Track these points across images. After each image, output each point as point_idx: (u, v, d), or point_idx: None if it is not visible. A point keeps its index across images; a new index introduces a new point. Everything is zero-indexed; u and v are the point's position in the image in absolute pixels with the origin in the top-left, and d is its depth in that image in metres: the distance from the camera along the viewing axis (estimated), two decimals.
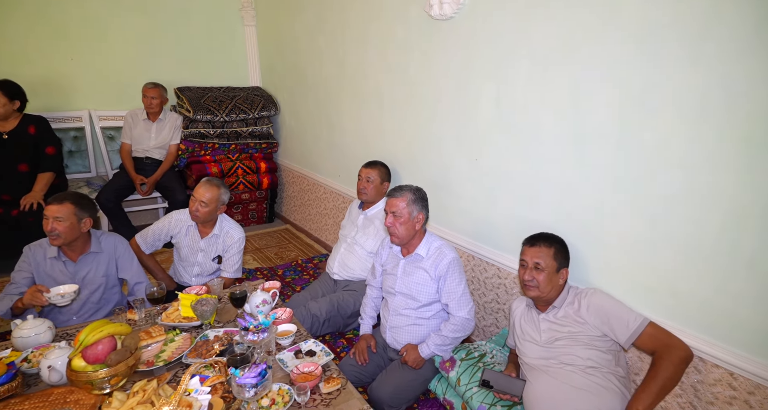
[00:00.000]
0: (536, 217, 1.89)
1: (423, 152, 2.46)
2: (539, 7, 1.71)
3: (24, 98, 2.88)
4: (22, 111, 2.88)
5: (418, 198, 1.83)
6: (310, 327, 2.19)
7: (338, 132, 3.22)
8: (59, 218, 1.79)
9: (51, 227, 1.79)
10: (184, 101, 3.61)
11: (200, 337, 1.65)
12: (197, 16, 3.86)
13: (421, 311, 1.89)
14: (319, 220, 3.66)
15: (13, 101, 2.80)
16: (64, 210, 1.79)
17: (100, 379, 1.27)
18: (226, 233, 2.32)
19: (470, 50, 2.03)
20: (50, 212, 1.79)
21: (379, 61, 2.65)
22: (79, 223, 1.85)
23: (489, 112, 2.01)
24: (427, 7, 2.10)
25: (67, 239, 1.83)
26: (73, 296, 1.75)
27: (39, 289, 1.69)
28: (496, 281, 2.15)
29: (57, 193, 2.86)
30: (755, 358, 1.32)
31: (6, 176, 2.80)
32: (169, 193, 3.41)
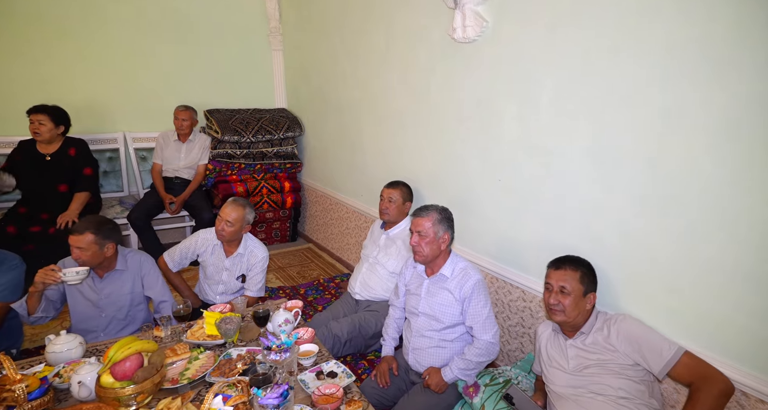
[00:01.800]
0: (562, 239, 1.85)
1: (445, 172, 2.47)
2: (561, 30, 1.72)
3: (68, 123, 3.04)
4: (65, 135, 3.04)
5: (444, 218, 1.82)
6: (332, 347, 2.18)
7: (361, 152, 3.26)
8: (81, 248, 1.83)
9: (76, 255, 1.85)
10: (213, 123, 3.74)
11: (223, 356, 1.66)
12: (227, 42, 4.03)
13: (445, 333, 1.86)
14: (341, 239, 3.68)
15: (59, 126, 2.96)
16: (85, 241, 1.83)
17: (126, 396, 1.29)
18: (250, 252, 2.35)
19: (492, 72, 2.05)
20: (73, 242, 1.83)
21: (402, 84, 2.70)
22: (101, 250, 1.89)
23: (512, 132, 2.01)
24: (450, 31, 2.14)
25: (92, 264, 1.89)
26: (85, 275, 1.81)
27: (51, 268, 1.75)
28: (520, 304, 2.10)
29: (90, 213, 3.00)
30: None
31: (46, 195, 2.93)
32: (196, 212, 3.50)
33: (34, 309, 1.85)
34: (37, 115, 2.87)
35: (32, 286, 1.80)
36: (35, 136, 2.90)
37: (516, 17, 1.90)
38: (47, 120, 2.88)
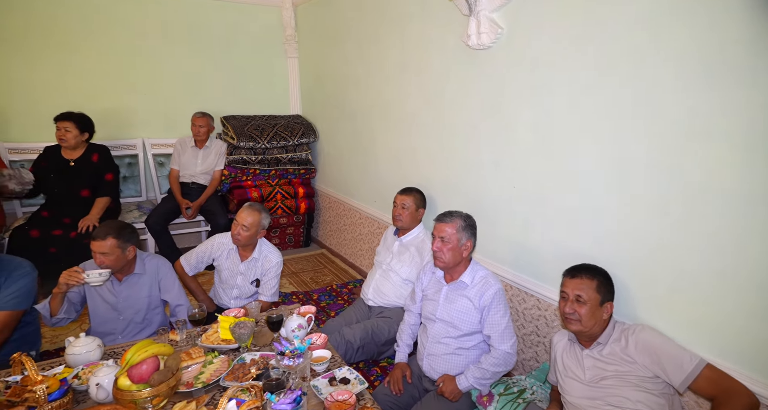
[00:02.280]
0: (578, 247, 1.83)
1: (459, 179, 2.46)
2: (577, 37, 1.71)
3: (92, 130, 3.12)
4: (88, 141, 3.12)
5: (467, 225, 1.82)
6: (344, 353, 2.18)
7: (374, 159, 3.27)
8: (104, 253, 1.87)
9: (99, 261, 1.87)
10: (229, 129, 3.80)
11: (237, 360, 1.68)
12: (244, 50, 4.10)
13: (462, 340, 1.84)
14: (355, 245, 3.69)
15: (83, 133, 3.04)
16: (107, 246, 1.86)
17: (143, 399, 1.31)
18: (264, 257, 2.37)
19: (507, 78, 2.05)
20: (95, 248, 1.86)
21: (416, 90, 2.70)
22: (123, 253, 1.92)
23: (526, 139, 2.00)
24: (465, 38, 2.14)
25: (115, 268, 1.93)
26: (107, 277, 1.84)
27: (75, 270, 1.78)
28: (535, 312, 2.08)
29: (110, 218, 3.07)
30: None
31: (69, 200, 3.01)
32: (212, 217, 3.55)
33: (57, 311, 1.89)
34: (64, 122, 2.96)
35: (56, 287, 1.84)
36: (61, 142, 2.98)
37: (531, 24, 1.89)
38: (73, 127, 2.97)
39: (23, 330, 1.94)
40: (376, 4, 2.97)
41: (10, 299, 1.77)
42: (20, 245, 2.82)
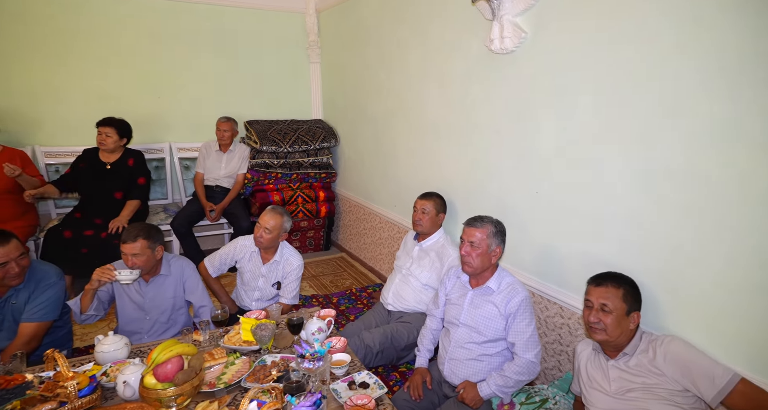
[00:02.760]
0: (602, 254, 1.79)
1: (480, 184, 2.44)
2: (604, 40, 1.68)
3: (131, 135, 3.24)
4: (125, 146, 3.24)
5: (498, 231, 1.80)
6: (363, 357, 2.18)
7: (395, 163, 3.28)
8: (136, 255, 1.92)
9: (131, 263, 1.92)
10: (252, 133, 3.87)
11: (258, 362, 1.70)
12: (268, 56, 4.18)
13: (486, 346, 1.82)
14: (374, 249, 3.69)
15: (122, 138, 3.15)
16: (139, 246, 1.91)
17: (167, 398, 1.34)
18: (285, 259, 2.40)
19: (531, 83, 2.03)
20: (127, 250, 1.91)
21: (438, 94, 2.70)
22: (153, 253, 1.98)
23: (549, 144, 1.97)
24: (488, 42, 2.13)
25: (146, 269, 1.98)
26: (137, 276, 1.90)
27: (108, 267, 1.83)
28: (558, 320, 2.03)
29: (138, 220, 3.16)
30: None
31: (102, 201, 3.11)
32: (235, 220, 3.61)
33: (87, 307, 1.94)
34: (105, 127, 3.07)
35: (88, 284, 1.90)
36: (101, 146, 3.10)
37: (556, 28, 1.87)
38: (113, 132, 3.08)
39: (54, 335, 2.01)
40: (398, 10, 2.99)
41: (38, 311, 1.82)
42: (54, 246, 2.93)
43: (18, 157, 2.99)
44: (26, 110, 3.38)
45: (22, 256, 1.80)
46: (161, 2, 3.67)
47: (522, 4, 1.92)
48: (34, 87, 3.39)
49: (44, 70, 3.40)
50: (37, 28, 3.32)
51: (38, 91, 3.41)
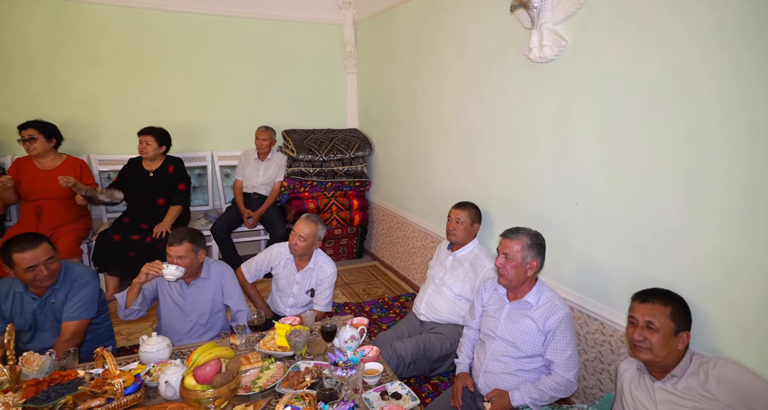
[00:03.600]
0: (648, 269, 1.71)
1: (517, 194, 2.39)
2: (649, 49, 1.63)
3: (170, 143, 3.41)
4: (166, 153, 3.40)
5: (534, 244, 1.76)
6: (396, 367, 2.16)
7: (429, 172, 3.27)
8: (181, 257, 2.00)
9: (176, 265, 2.00)
10: (290, 142, 3.97)
11: (292, 367, 1.72)
12: (305, 66, 4.29)
13: (523, 361, 1.77)
14: (407, 258, 3.68)
15: (162, 146, 3.32)
16: (184, 249, 2.00)
17: (206, 399, 1.38)
18: (319, 267, 2.43)
19: (570, 92, 1.98)
20: (173, 252, 1.99)
21: (474, 104, 2.68)
22: (196, 256, 2.06)
23: (590, 155, 1.91)
24: (526, 51, 2.11)
25: (189, 271, 2.06)
26: (181, 273, 1.96)
27: (156, 262, 1.91)
28: (599, 337, 1.95)
29: (180, 225, 3.29)
30: None
31: (147, 208, 3.28)
32: (271, 226, 3.70)
33: (131, 301, 2.03)
34: (145, 136, 3.25)
35: (136, 277, 1.98)
36: (142, 154, 3.27)
37: (598, 37, 1.82)
38: (153, 141, 3.25)
39: (95, 332, 2.11)
40: (435, 20, 3.00)
41: (76, 309, 1.92)
42: (104, 248, 3.10)
43: (78, 165, 3.19)
44: (85, 120, 3.61)
45: (51, 259, 1.85)
46: (204, 17, 3.85)
47: (563, 12, 1.89)
48: (91, 99, 3.62)
49: (99, 85, 3.63)
50: (93, 45, 3.55)
51: (94, 103, 3.64)
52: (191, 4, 3.77)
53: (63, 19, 3.44)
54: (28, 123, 3.00)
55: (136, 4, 3.61)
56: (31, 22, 3.36)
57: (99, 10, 3.52)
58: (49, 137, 3.05)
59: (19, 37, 3.34)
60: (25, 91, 3.41)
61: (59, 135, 3.15)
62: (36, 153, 3.01)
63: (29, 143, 2.97)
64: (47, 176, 3.03)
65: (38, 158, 3.06)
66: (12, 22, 3.31)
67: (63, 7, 3.42)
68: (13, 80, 3.37)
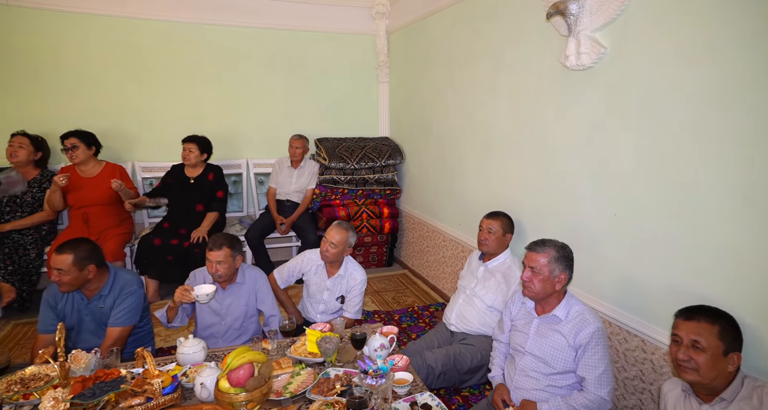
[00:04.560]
0: (694, 285, 1.62)
1: (552, 205, 2.34)
2: (695, 57, 1.56)
3: (211, 151, 3.55)
4: (206, 161, 3.53)
5: (562, 256, 1.71)
6: (425, 378, 2.14)
7: (461, 181, 3.25)
8: (220, 262, 2.06)
9: (215, 269, 2.07)
10: (322, 150, 4.04)
11: (322, 374, 1.73)
12: (338, 76, 4.37)
13: (554, 378, 1.72)
14: (437, 268, 3.65)
15: (203, 154, 3.46)
16: (223, 254, 2.06)
17: (239, 402, 1.41)
18: (350, 274, 2.45)
19: (609, 100, 1.93)
20: (213, 257, 2.06)
21: (507, 112, 2.65)
22: (234, 261, 2.12)
23: (630, 164, 1.85)
24: (563, 58, 2.07)
25: (227, 276, 2.12)
26: (212, 296, 2.01)
27: (186, 288, 1.96)
28: (639, 355, 1.87)
29: (216, 230, 3.40)
30: None
31: (186, 213, 3.40)
32: (303, 233, 3.76)
33: (172, 319, 2.12)
34: (189, 143, 3.40)
35: (171, 302, 2.06)
36: (185, 160, 3.42)
37: (639, 43, 1.77)
38: (195, 148, 3.40)
39: (137, 335, 2.20)
40: (468, 29, 3.00)
41: (121, 317, 2.00)
42: (145, 252, 3.23)
43: (118, 171, 3.36)
44: (129, 129, 3.80)
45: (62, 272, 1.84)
46: (243, 30, 3.99)
47: (602, 19, 1.85)
48: (136, 109, 3.81)
49: (145, 95, 3.82)
50: (141, 59, 3.75)
51: (139, 113, 3.82)
52: (232, 18, 3.92)
53: (118, 35, 3.65)
54: (69, 133, 3.18)
55: (183, 19, 3.79)
56: (88, 39, 3.58)
57: (149, 26, 3.72)
58: (89, 144, 3.23)
59: (75, 53, 3.56)
60: (75, 104, 3.61)
61: (98, 143, 3.33)
62: (78, 161, 3.18)
63: (71, 151, 3.14)
64: (90, 184, 3.20)
65: (80, 166, 3.23)
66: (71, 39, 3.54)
67: (119, 23, 3.63)
68: (65, 93, 3.58)
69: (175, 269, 3.21)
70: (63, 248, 1.89)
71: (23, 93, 3.48)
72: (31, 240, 3.08)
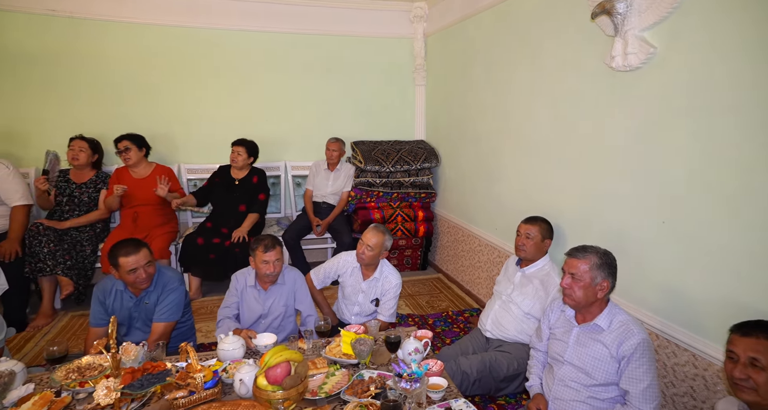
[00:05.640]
0: (752, 299, 1.52)
1: (594, 210, 2.25)
2: (755, 55, 1.47)
3: (257, 155, 3.67)
4: (252, 164, 3.66)
5: (604, 263, 1.65)
6: (460, 384, 2.11)
7: (498, 185, 3.19)
8: (279, 260, 2.16)
9: (273, 268, 2.15)
10: (358, 153, 4.08)
11: (356, 376, 1.74)
12: (375, 79, 4.40)
13: (596, 390, 1.65)
14: (472, 272, 3.60)
15: (250, 157, 3.59)
16: (280, 253, 2.17)
17: (276, 400, 1.44)
18: (385, 277, 2.45)
19: (659, 102, 1.84)
20: (271, 257, 2.14)
21: (547, 115, 2.59)
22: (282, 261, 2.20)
23: (682, 170, 1.76)
24: (608, 59, 2.00)
25: (276, 276, 2.19)
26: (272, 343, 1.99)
27: (249, 335, 1.99)
28: (690, 370, 1.76)
29: (255, 231, 3.48)
30: None
31: (229, 213, 3.53)
32: (338, 235, 3.81)
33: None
34: (238, 146, 3.54)
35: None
36: (232, 163, 3.56)
37: (692, 43, 1.68)
38: (244, 151, 3.53)
39: (179, 330, 2.29)
40: (508, 31, 2.95)
41: (165, 313, 2.10)
42: (189, 251, 3.37)
43: (165, 172, 3.52)
44: (173, 132, 3.98)
45: (149, 264, 2.05)
46: (282, 35, 4.09)
47: (652, 18, 1.77)
48: (178, 113, 3.98)
49: (192, 100, 3.99)
50: (191, 66, 3.93)
51: (181, 117, 3.99)
52: (273, 24, 4.04)
53: (166, 43, 3.84)
54: (122, 136, 3.38)
55: (227, 27, 3.94)
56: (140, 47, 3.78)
57: (197, 34, 3.88)
58: (140, 147, 3.41)
59: (128, 60, 3.77)
60: (126, 108, 3.81)
61: (148, 145, 3.51)
62: (131, 163, 3.36)
63: (124, 153, 3.33)
64: (141, 184, 3.37)
65: (132, 168, 3.41)
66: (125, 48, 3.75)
67: (169, 32, 3.82)
68: (118, 99, 3.79)
69: (217, 267, 3.33)
70: (136, 247, 2.00)
71: (83, 98, 3.71)
72: (87, 237, 3.27)
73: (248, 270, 2.28)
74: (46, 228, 3.08)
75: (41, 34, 3.54)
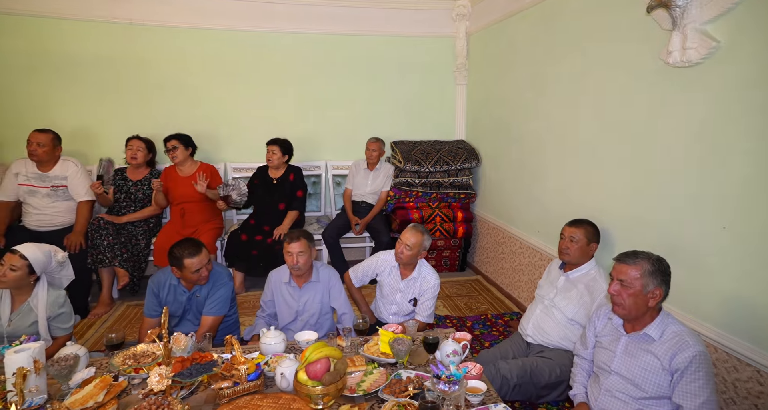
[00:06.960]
0: None
1: (645, 214, 2.14)
2: None
3: (292, 153, 3.76)
4: (288, 162, 3.75)
5: (657, 270, 1.56)
6: (499, 388, 2.06)
7: (541, 186, 3.10)
8: (302, 252, 2.18)
9: (295, 261, 2.19)
10: (397, 153, 4.08)
11: (394, 375, 1.74)
12: (415, 79, 4.38)
13: (646, 403, 1.57)
14: (513, 275, 3.51)
15: (285, 155, 3.68)
16: (303, 245, 2.19)
17: (315, 395, 1.46)
18: (423, 277, 2.44)
19: (721, 99, 1.72)
20: (294, 249, 2.18)
21: (594, 114, 2.48)
22: (311, 253, 2.24)
23: (744, 171, 1.64)
24: (664, 54, 1.89)
25: (305, 268, 2.23)
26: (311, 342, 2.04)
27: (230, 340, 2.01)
28: (754, 387, 1.64)
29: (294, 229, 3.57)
30: None
31: (269, 211, 3.63)
32: (376, 234, 3.83)
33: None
34: (272, 146, 3.64)
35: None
36: (268, 162, 3.66)
37: (762, 36, 1.56)
38: (278, 150, 3.62)
39: (225, 323, 2.38)
40: (552, 27, 2.86)
41: (214, 307, 2.19)
42: (233, 247, 3.50)
43: (209, 170, 3.67)
44: (218, 132, 4.14)
45: (209, 263, 2.18)
46: (322, 36, 4.16)
47: (714, 10, 1.66)
48: (222, 114, 4.13)
49: (235, 100, 4.13)
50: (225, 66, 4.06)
51: (225, 117, 4.14)
52: (315, 26, 4.11)
53: (211, 46, 4.00)
54: (171, 136, 3.55)
55: (269, 29, 4.05)
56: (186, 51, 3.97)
57: (240, 37, 4.02)
58: (186, 145, 3.57)
59: (175, 63, 3.96)
60: (173, 109, 4.00)
61: (194, 144, 3.67)
62: (177, 161, 3.53)
63: (172, 152, 3.50)
64: (187, 182, 3.52)
65: (179, 166, 3.58)
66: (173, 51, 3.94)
67: (214, 35, 3.98)
68: (166, 100, 3.98)
69: (259, 263, 3.43)
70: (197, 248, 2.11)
71: (134, 100, 3.93)
72: (141, 232, 3.47)
73: (283, 268, 2.34)
74: (107, 222, 3.29)
75: (99, 40, 3.78)
